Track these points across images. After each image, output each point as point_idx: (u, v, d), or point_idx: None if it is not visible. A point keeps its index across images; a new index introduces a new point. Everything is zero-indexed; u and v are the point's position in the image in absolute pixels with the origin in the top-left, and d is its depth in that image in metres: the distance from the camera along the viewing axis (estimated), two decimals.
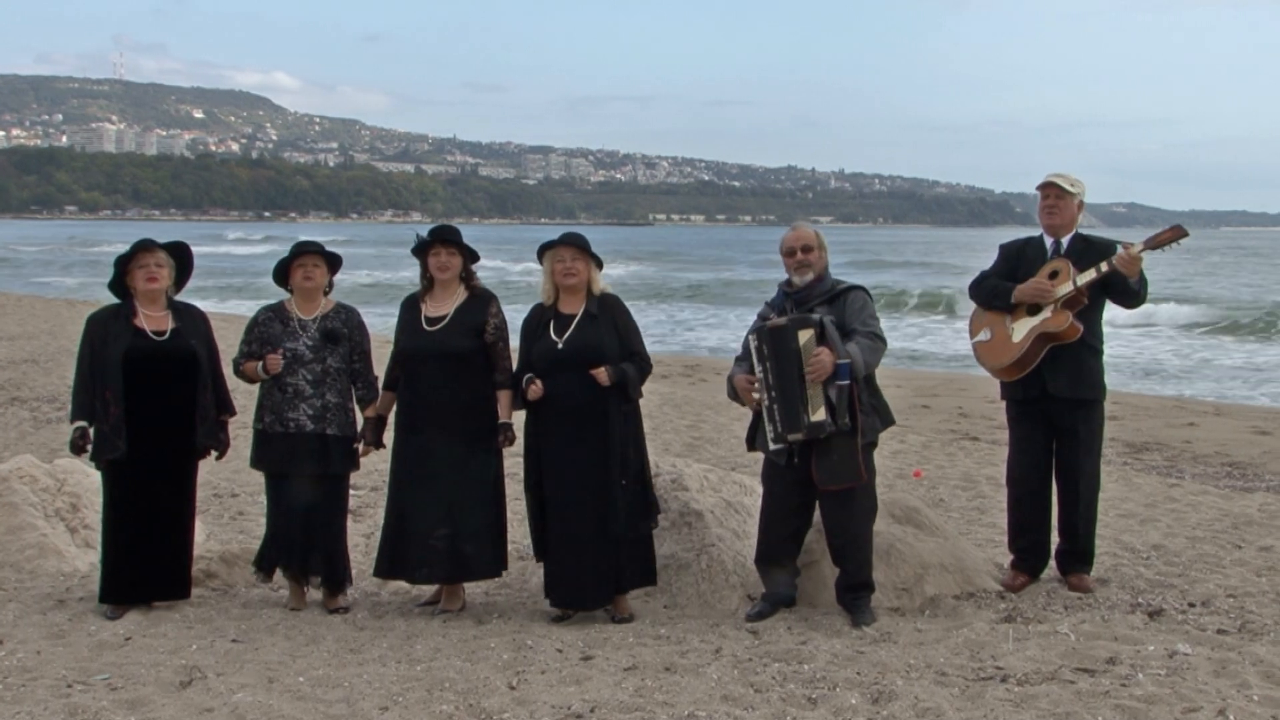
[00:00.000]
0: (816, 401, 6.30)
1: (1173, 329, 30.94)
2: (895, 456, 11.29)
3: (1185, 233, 7.00)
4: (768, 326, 6.47)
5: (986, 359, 7.08)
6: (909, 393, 16.34)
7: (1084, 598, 6.81)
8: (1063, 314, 6.85)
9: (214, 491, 9.81)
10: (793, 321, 6.41)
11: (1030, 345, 6.86)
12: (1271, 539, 8.30)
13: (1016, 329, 6.93)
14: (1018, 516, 7.19)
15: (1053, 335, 6.86)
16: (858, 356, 6.33)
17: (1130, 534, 8.41)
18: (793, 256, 6.65)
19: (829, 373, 6.26)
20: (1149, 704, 5.14)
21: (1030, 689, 5.34)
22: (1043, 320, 6.86)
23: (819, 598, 6.69)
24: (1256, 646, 5.90)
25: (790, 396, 6.33)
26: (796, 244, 6.65)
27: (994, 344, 7.02)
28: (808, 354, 6.30)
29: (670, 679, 5.55)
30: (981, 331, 7.09)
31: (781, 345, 6.37)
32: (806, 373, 6.29)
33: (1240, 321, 32.58)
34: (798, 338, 6.34)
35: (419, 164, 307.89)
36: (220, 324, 8.87)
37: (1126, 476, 10.78)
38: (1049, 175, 7.08)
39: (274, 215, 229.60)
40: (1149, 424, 14.59)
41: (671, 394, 16.04)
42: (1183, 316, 32.83)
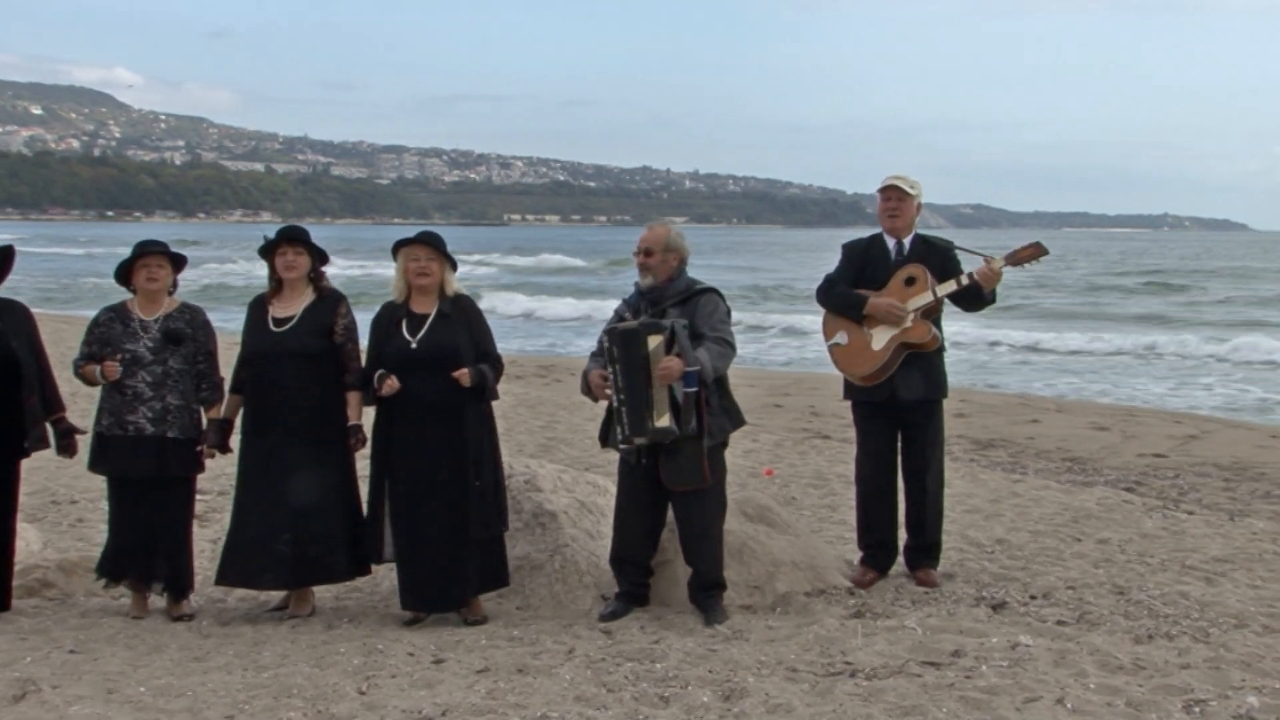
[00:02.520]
0: (662, 407, 6.31)
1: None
2: (748, 455, 11.38)
3: (1045, 251, 7.17)
4: (618, 329, 6.47)
5: (844, 364, 7.13)
6: (761, 392, 16.51)
7: (930, 592, 6.94)
8: (924, 324, 6.98)
9: (52, 498, 9.53)
10: (643, 326, 6.41)
11: (891, 354, 6.97)
12: (1109, 532, 8.54)
13: (876, 336, 7.01)
14: (866, 514, 7.30)
15: (913, 345, 6.99)
16: (707, 363, 6.35)
17: (976, 529, 8.59)
18: (638, 258, 6.67)
19: (678, 379, 6.29)
20: (992, 695, 5.25)
21: (878, 683, 5.42)
22: (904, 330, 6.97)
23: (672, 597, 6.72)
24: (1093, 636, 6.07)
25: (637, 400, 6.34)
26: (640, 248, 6.67)
27: (852, 350, 7.08)
28: (656, 359, 6.30)
29: (523, 680, 5.52)
30: (837, 335, 7.15)
31: (630, 349, 6.37)
32: (655, 377, 6.31)
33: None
34: (647, 343, 6.34)
35: (269, 163, 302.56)
36: (62, 325, 8.61)
37: (973, 473, 11.01)
38: (889, 178, 7.19)
39: (118, 215, 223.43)
40: (995, 421, 14.92)
41: (526, 394, 16.00)
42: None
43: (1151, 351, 25.52)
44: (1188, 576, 7.36)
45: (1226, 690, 5.33)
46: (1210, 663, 5.68)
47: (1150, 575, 7.37)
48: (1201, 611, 6.55)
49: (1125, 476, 11.51)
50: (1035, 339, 27.45)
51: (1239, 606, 6.66)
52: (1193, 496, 10.55)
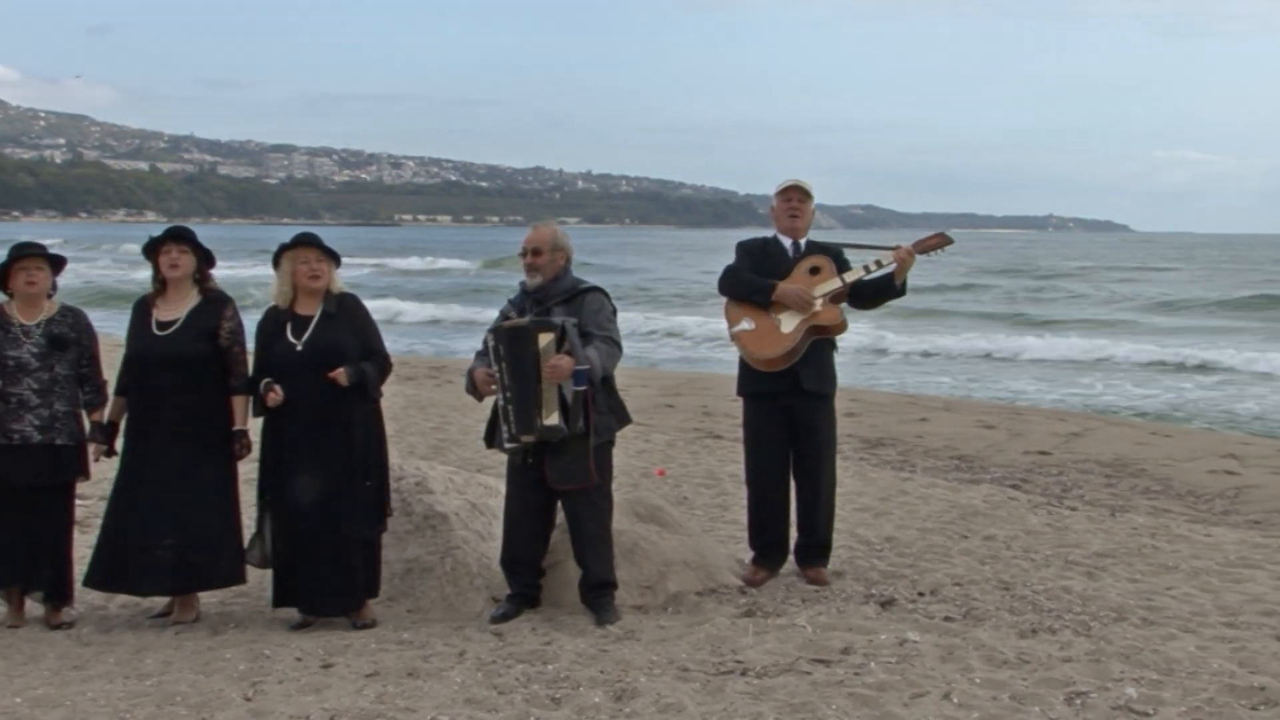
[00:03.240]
0: (551, 405, 6.29)
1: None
2: (639, 456, 11.40)
3: (951, 240, 7.31)
4: (505, 326, 6.44)
5: (752, 348, 7.10)
6: (653, 392, 16.55)
7: (821, 590, 6.99)
8: (835, 308, 7.06)
9: None
10: (534, 323, 6.39)
11: (801, 338, 7.01)
12: (995, 529, 8.68)
13: (784, 320, 7.04)
14: (758, 513, 7.34)
15: (824, 328, 7.05)
16: (596, 362, 6.35)
17: (865, 527, 8.68)
18: (525, 258, 6.65)
19: (567, 377, 6.28)
20: (880, 691, 5.31)
21: (769, 681, 5.45)
22: (813, 314, 7.01)
23: (563, 598, 6.70)
24: (979, 632, 6.16)
25: (525, 398, 6.31)
26: (528, 246, 6.64)
27: (760, 334, 7.08)
28: (546, 357, 6.28)
29: (413, 684, 5.47)
30: (742, 321, 7.14)
31: (519, 346, 6.34)
32: (544, 375, 6.29)
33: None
34: (537, 340, 6.32)
35: (153, 162, 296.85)
36: None
37: (862, 471, 11.12)
38: (791, 180, 7.26)
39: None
40: (884, 420, 15.10)
41: (417, 396, 15.88)
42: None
43: (1024, 354, 26.00)
44: (1070, 571, 7.50)
45: (1106, 682, 5.44)
46: (1091, 655, 5.80)
47: (1034, 571, 7.50)
48: (1083, 605, 6.68)
49: (1011, 474, 11.72)
50: (918, 340, 27.81)
51: (1119, 600, 6.81)
52: (1076, 493, 10.77)
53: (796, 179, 7.26)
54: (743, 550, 7.59)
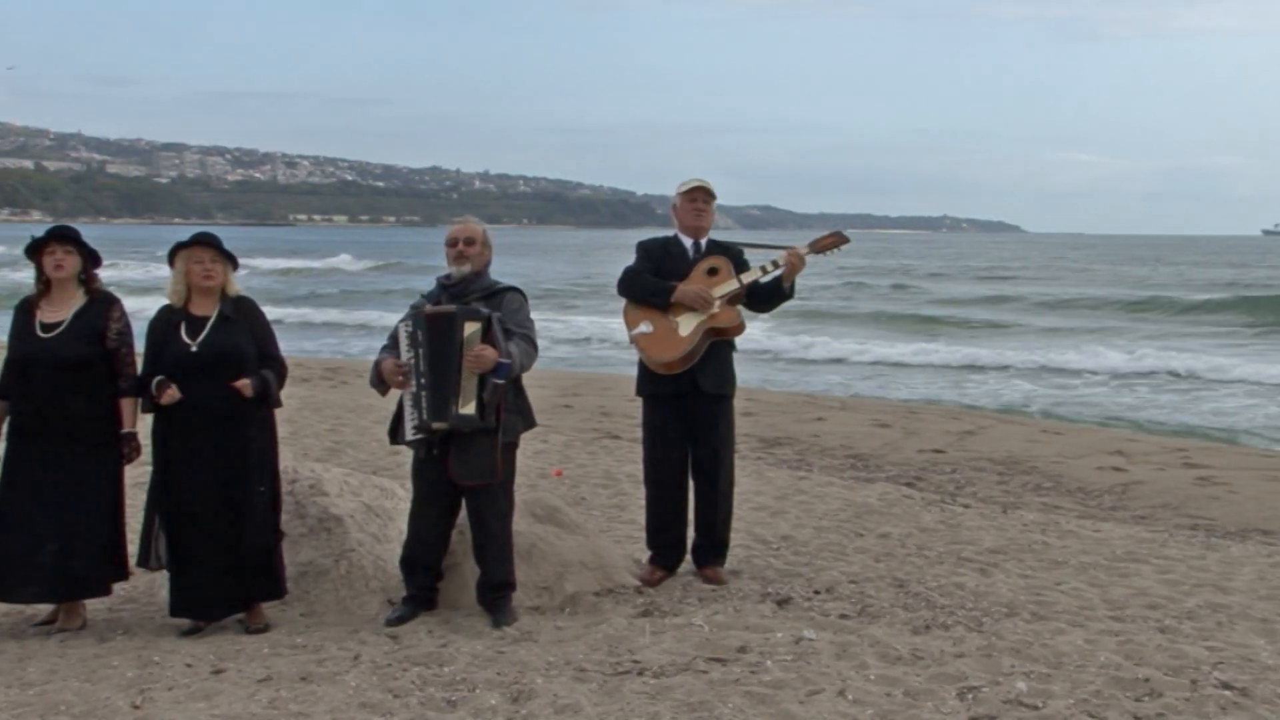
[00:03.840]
0: (469, 395, 6.27)
1: None
2: (537, 456, 11.36)
3: (847, 239, 7.37)
4: (429, 312, 6.39)
5: (651, 351, 7.10)
6: (552, 392, 16.50)
7: (718, 590, 7.01)
8: (733, 310, 7.10)
9: None
10: (462, 311, 6.36)
11: (699, 340, 7.02)
12: (889, 526, 8.77)
13: (682, 322, 7.06)
14: (656, 513, 7.35)
15: (721, 330, 7.08)
16: (517, 358, 6.35)
17: (762, 526, 8.72)
18: (454, 247, 6.60)
19: (489, 369, 6.26)
20: (776, 689, 5.34)
21: (666, 680, 5.46)
22: (711, 315, 7.04)
23: (460, 600, 6.65)
24: (874, 629, 6.22)
25: (443, 385, 6.27)
26: (460, 235, 6.61)
27: (658, 336, 7.08)
28: (470, 346, 6.26)
29: (306, 689, 5.40)
30: (640, 324, 7.14)
31: (443, 332, 6.31)
32: (466, 365, 6.26)
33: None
34: (464, 328, 6.29)
35: (39, 160, 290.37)
36: None
37: (759, 470, 11.18)
38: (696, 180, 7.27)
39: None
40: (781, 419, 15.20)
41: (312, 397, 15.69)
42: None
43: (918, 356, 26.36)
44: (963, 568, 7.60)
45: (998, 677, 5.52)
46: (983, 651, 5.88)
47: (928, 568, 7.59)
48: (976, 601, 6.78)
49: (906, 472, 11.84)
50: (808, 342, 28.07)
51: (1010, 596, 6.92)
52: (969, 490, 10.92)
53: (701, 179, 7.28)
54: (640, 550, 7.60)
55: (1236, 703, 5.27)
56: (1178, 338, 31.00)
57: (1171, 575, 7.54)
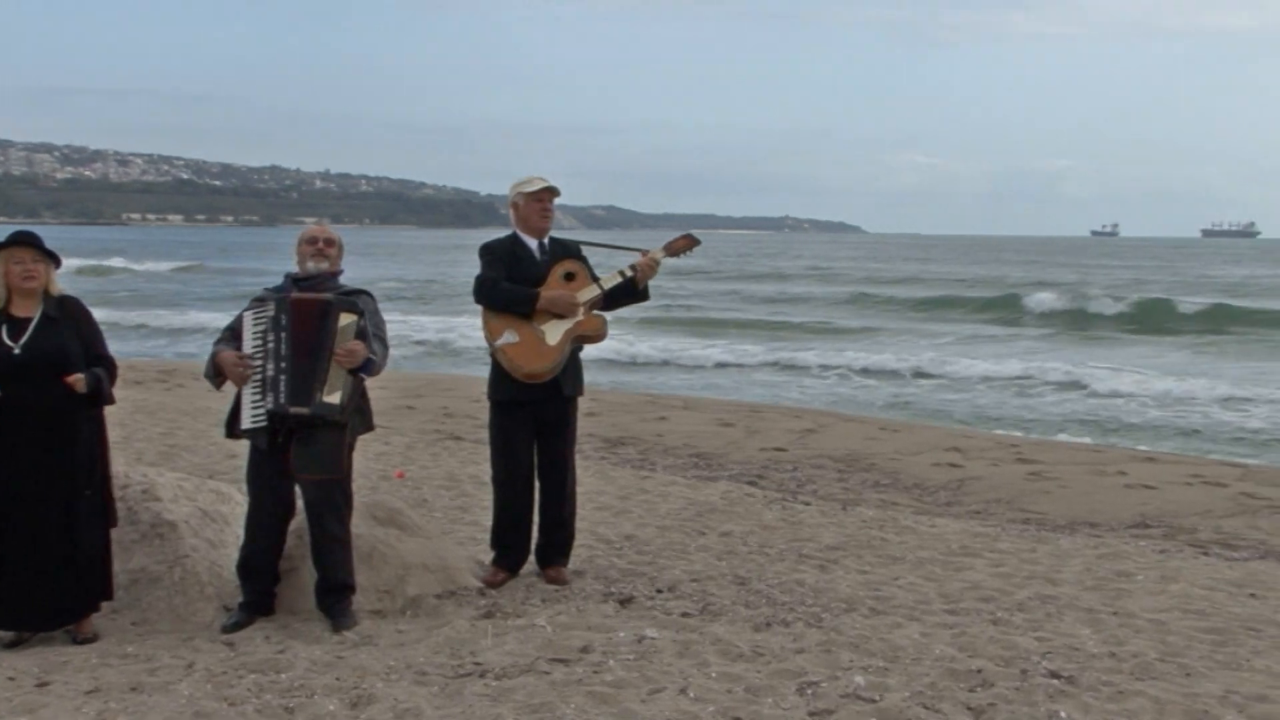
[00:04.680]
0: (334, 384, 6.19)
1: None
2: (379, 458, 11.23)
3: (698, 241, 7.42)
4: (299, 297, 6.31)
5: (519, 361, 7.01)
6: (394, 394, 16.33)
7: (561, 590, 7.00)
8: (598, 317, 7.10)
9: None
10: (339, 301, 6.29)
11: (567, 348, 7.01)
12: (731, 524, 8.85)
13: (549, 331, 7.02)
14: (501, 513, 7.30)
15: (587, 337, 7.07)
16: (380, 357, 6.33)
17: (605, 525, 8.73)
18: (314, 244, 6.53)
19: (358, 364, 6.20)
20: (618, 688, 5.35)
21: (508, 682, 5.43)
22: (577, 323, 7.03)
23: (299, 604, 6.53)
24: (716, 626, 6.27)
25: (306, 370, 6.18)
26: (320, 235, 6.58)
27: (525, 347, 7.01)
28: (345, 337, 6.19)
29: (137, 699, 5.25)
30: (505, 334, 7.04)
31: (313, 320, 6.22)
32: (336, 355, 6.18)
33: None
34: (339, 318, 6.23)
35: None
36: None
37: (603, 470, 11.20)
38: (543, 180, 7.23)
39: None
40: (625, 419, 15.24)
41: (145, 400, 15.30)
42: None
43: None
44: (804, 565, 7.70)
45: (836, 671, 5.60)
46: (822, 646, 5.97)
47: (769, 565, 7.67)
48: (815, 598, 6.88)
49: (748, 470, 11.96)
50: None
51: (849, 591, 7.03)
52: (810, 488, 11.07)
53: (544, 179, 7.25)
54: (483, 552, 7.55)
55: (1063, 691, 5.43)
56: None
57: (1004, 568, 7.73)
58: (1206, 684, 5.57)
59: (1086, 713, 5.20)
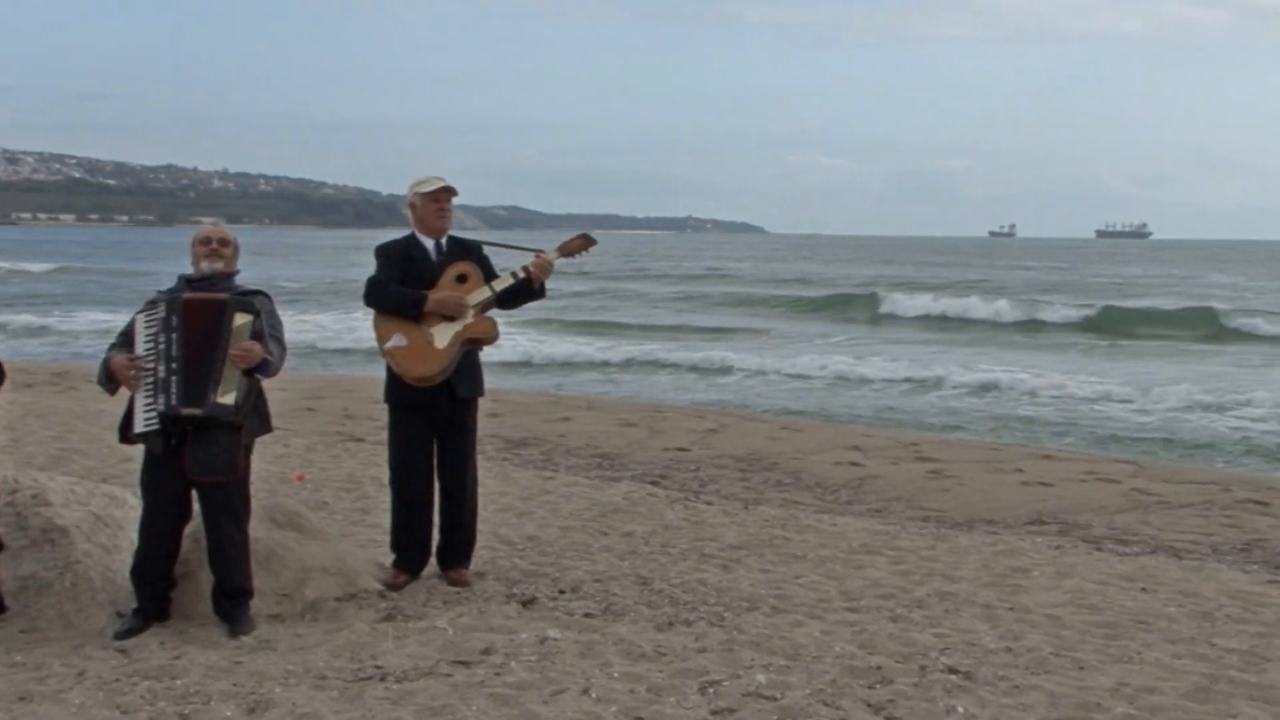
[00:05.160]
0: (229, 385, 6.09)
1: None
2: (278, 461, 11.08)
3: (594, 241, 7.40)
4: (192, 297, 6.18)
5: (406, 365, 6.97)
6: (293, 396, 16.14)
7: (462, 592, 6.96)
8: (488, 320, 7.06)
9: None
10: (234, 301, 6.18)
11: (456, 350, 6.95)
12: (634, 524, 8.86)
13: (438, 334, 6.97)
14: (401, 516, 7.25)
15: (477, 340, 7.02)
16: (277, 358, 6.24)
17: (507, 527, 8.70)
18: (207, 245, 6.40)
19: (253, 364, 6.12)
20: (520, 690, 5.32)
21: (409, 685, 5.38)
22: (466, 326, 6.97)
23: (194, 609, 6.42)
24: (618, 627, 6.27)
25: (201, 371, 6.07)
26: (214, 235, 6.45)
27: (413, 350, 6.96)
28: (240, 337, 6.09)
29: (25, 709, 5.13)
30: (394, 337, 7.00)
31: (207, 319, 6.11)
32: (232, 356, 6.08)
33: None
34: (234, 318, 6.12)
35: None
36: None
37: (505, 471, 11.15)
38: (439, 180, 7.18)
39: None
40: (528, 420, 15.20)
41: (35, 403, 14.97)
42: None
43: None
44: (706, 564, 7.72)
45: (738, 670, 5.62)
46: (724, 645, 5.99)
47: (672, 565, 7.69)
48: (718, 597, 6.90)
49: (651, 471, 11.97)
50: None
51: (751, 590, 7.06)
52: (712, 488, 11.11)
53: (442, 178, 7.20)
54: (384, 554, 7.48)
55: (961, 686, 5.50)
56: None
57: (904, 566, 7.81)
58: (1099, 677, 5.67)
59: (983, 707, 5.27)
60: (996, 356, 27.65)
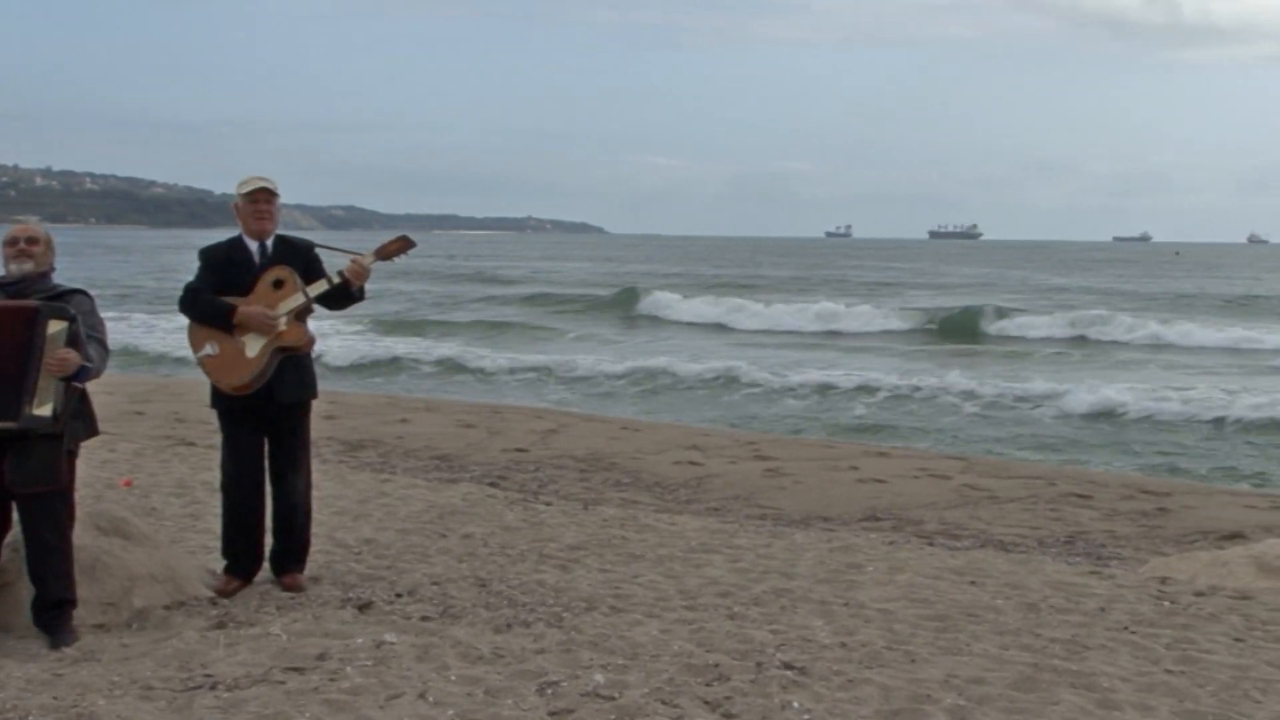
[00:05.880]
0: (46, 396, 5.86)
1: None
2: (105, 466, 10.77)
3: (413, 243, 7.29)
4: (7, 305, 5.93)
5: (218, 375, 6.85)
6: (121, 399, 15.72)
7: (297, 597, 6.84)
8: (299, 327, 6.90)
9: None
10: (48, 309, 5.92)
11: (267, 360, 6.81)
12: (473, 526, 8.79)
13: (249, 343, 6.82)
14: (232, 521, 7.10)
15: (288, 348, 6.88)
16: (96, 362, 6.04)
17: (344, 530, 8.57)
18: (14, 245, 6.17)
19: (70, 372, 5.89)
20: (355, 695, 5.24)
21: (240, 694, 5.25)
22: (278, 335, 6.83)
23: (13, 621, 6.19)
24: (456, 629, 6.21)
25: (12, 383, 5.82)
26: (21, 234, 6.21)
27: (224, 359, 6.83)
28: (54, 345, 5.86)
29: None
30: (206, 345, 6.86)
31: (16, 328, 5.85)
32: (47, 365, 5.85)
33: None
34: (48, 325, 5.88)
35: None
36: None
37: (341, 474, 10.99)
38: (258, 180, 7.04)
39: None
40: (364, 422, 15.01)
41: None
42: None
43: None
44: (545, 565, 7.70)
45: (577, 670, 5.61)
46: (563, 645, 5.97)
47: (511, 566, 7.65)
48: (556, 597, 6.88)
49: (490, 472, 11.92)
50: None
51: (590, 590, 7.06)
52: (551, 488, 11.10)
53: (262, 179, 7.06)
54: (215, 560, 7.31)
55: (796, 681, 5.56)
56: None
57: (741, 563, 7.88)
58: (930, 669, 5.79)
59: (818, 701, 5.33)
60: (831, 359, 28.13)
